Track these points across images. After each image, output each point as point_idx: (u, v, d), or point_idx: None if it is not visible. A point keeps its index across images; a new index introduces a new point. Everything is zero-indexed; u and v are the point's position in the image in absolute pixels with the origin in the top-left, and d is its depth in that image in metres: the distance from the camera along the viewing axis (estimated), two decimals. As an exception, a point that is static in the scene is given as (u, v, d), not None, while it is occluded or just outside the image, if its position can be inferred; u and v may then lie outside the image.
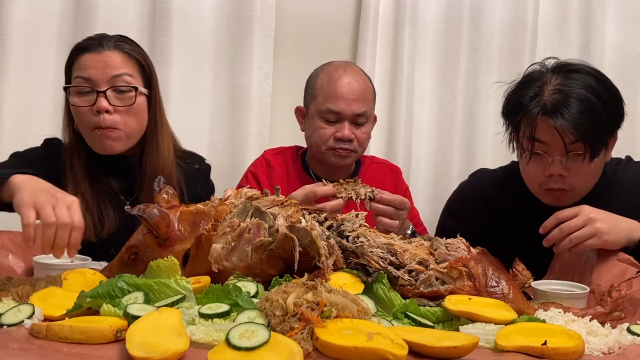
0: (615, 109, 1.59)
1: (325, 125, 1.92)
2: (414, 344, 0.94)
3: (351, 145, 1.92)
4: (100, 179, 1.69)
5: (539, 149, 1.57)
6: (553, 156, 1.55)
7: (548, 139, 1.54)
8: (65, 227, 1.14)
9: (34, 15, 2.35)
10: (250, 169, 2.06)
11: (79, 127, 1.66)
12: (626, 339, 1.07)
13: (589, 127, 1.51)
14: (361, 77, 1.97)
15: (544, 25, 2.70)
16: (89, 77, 1.59)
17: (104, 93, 1.58)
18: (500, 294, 1.20)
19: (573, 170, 1.56)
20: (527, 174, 1.67)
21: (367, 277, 1.19)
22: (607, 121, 1.55)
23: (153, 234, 1.20)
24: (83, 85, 1.60)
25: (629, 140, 2.67)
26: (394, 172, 2.17)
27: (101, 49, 1.61)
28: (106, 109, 1.58)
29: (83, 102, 1.60)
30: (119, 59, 1.63)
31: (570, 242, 1.44)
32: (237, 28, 2.49)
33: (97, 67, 1.59)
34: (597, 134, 1.53)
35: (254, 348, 0.87)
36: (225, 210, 1.25)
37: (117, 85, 1.60)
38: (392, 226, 1.62)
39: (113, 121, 1.60)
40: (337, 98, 1.90)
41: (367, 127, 1.97)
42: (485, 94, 2.67)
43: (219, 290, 1.08)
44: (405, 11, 2.57)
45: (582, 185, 1.61)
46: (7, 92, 2.31)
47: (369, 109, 1.96)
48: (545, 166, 1.57)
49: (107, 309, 1.03)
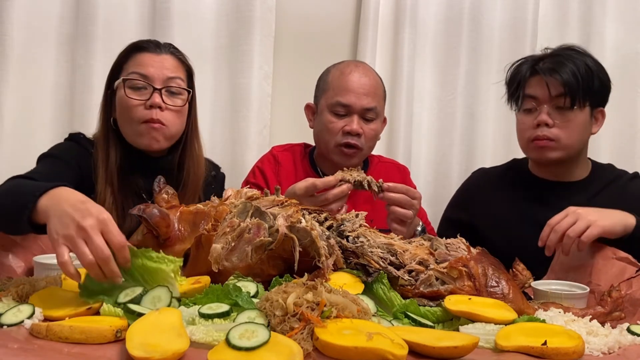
0: (604, 82, 1.80)
1: (334, 119, 1.92)
2: (414, 344, 0.94)
3: (358, 141, 1.91)
4: (129, 176, 1.73)
5: (530, 105, 1.81)
6: (541, 107, 1.77)
7: (538, 93, 1.78)
8: (106, 261, 1.06)
9: (34, 15, 2.35)
10: (258, 165, 2.06)
11: (124, 119, 1.71)
12: (626, 339, 1.07)
13: (575, 84, 1.73)
14: (372, 74, 1.98)
15: (544, 25, 2.70)
16: (146, 74, 1.68)
17: (159, 91, 1.68)
18: (500, 294, 1.20)
19: (558, 121, 1.76)
20: (520, 130, 1.86)
21: (367, 277, 1.19)
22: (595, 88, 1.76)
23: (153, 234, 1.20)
24: (139, 80, 1.68)
25: (629, 140, 2.68)
26: (402, 171, 2.17)
27: (159, 51, 1.73)
28: (159, 104, 1.67)
29: (137, 95, 1.68)
30: (174, 63, 1.74)
31: (569, 239, 1.45)
32: (237, 28, 2.49)
33: (155, 67, 1.69)
34: (582, 92, 1.74)
35: (254, 348, 0.87)
36: (225, 210, 1.25)
37: (171, 86, 1.71)
38: (407, 216, 1.59)
39: (163, 117, 1.68)
40: (348, 91, 1.90)
41: (376, 125, 1.96)
42: (485, 94, 2.67)
43: (219, 290, 1.08)
44: (405, 11, 2.57)
45: (566, 137, 1.77)
46: (7, 91, 2.31)
47: (379, 106, 1.95)
48: (535, 119, 1.78)
49: (107, 309, 1.03)
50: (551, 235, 1.48)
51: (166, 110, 1.69)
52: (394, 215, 1.60)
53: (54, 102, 2.40)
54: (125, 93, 1.67)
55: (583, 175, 1.88)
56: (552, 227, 1.49)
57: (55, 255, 1.07)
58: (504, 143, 2.68)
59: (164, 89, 1.69)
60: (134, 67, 1.70)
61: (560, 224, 1.47)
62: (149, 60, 1.70)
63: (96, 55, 2.36)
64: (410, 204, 1.60)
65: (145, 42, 1.76)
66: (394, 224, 1.62)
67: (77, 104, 2.38)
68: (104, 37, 2.38)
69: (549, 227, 1.49)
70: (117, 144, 1.72)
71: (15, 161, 2.34)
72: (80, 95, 2.37)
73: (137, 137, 1.69)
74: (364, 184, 1.56)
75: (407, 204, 1.59)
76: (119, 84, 1.70)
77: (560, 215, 1.50)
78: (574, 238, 1.44)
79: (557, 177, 1.87)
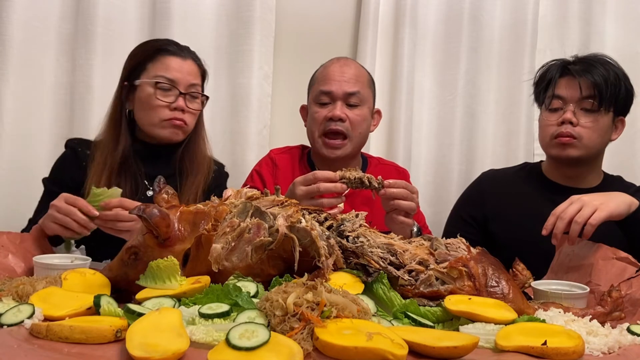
0: (630, 92, 1.87)
1: (318, 108, 1.94)
2: (414, 344, 0.94)
3: (342, 126, 1.91)
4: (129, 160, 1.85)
5: (557, 104, 1.85)
6: (567, 106, 1.82)
7: (566, 93, 1.83)
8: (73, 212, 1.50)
9: (34, 15, 2.35)
10: (256, 168, 2.07)
11: (146, 115, 1.83)
12: (626, 339, 1.07)
13: (604, 87, 1.79)
14: (355, 64, 2.00)
15: (544, 25, 2.70)
16: (172, 78, 1.82)
17: (184, 95, 1.83)
18: (500, 294, 1.20)
19: (582, 121, 1.81)
20: (543, 127, 1.91)
21: (367, 277, 1.19)
22: (622, 95, 1.82)
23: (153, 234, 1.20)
24: (166, 83, 1.81)
25: (629, 140, 2.68)
26: (402, 174, 2.16)
27: (184, 57, 1.86)
28: (183, 108, 1.83)
29: (163, 97, 1.81)
30: (196, 69, 1.89)
31: (577, 224, 1.46)
32: (237, 28, 2.49)
33: (182, 72, 1.83)
34: (609, 96, 1.80)
35: (254, 348, 0.87)
36: (225, 210, 1.25)
37: (193, 92, 1.86)
38: (411, 208, 1.60)
39: (184, 118, 1.84)
40: (329, 79, 1.93)
41: (362, 111, 1.95)
42: (485, 94, 2.67)
43: (219, 290, 1.08)
44: (405, 11, 2.57)
45: (587, 137, 1.81)
46: (7, 92, 2.31)
47: (363, 91, 1.95)
48: (559, 117, 1.83)
49: (107, 309, 1.03)
50: (557, 222, 1.48)
51: (187, 113, 1.84)
52: (400, 209, 1.60)
53: (54, 102, 2.40)
54: (156, 94, 1.80)
55: (594, 183, 1.91)
56: (558, 215, 1.49)
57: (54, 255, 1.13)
58: (504, 143, 2.69)
59: (187, 94, 1.83)
60: (161, 70, 1.82)
61: (565, 211, 1.48)
62: (175, 64, 1.83)
63: (96, 55, 2.37)
64: (411, 198, 1.61)
65: (171, 44, 1.88)
66: (400, 217, 1.62)
67: (77, 104, 2.38)
68: (104, 37, 2.38)
69: (554, 215, 1.50)
70: (126, 132, 1.84)
71: (16, 161, 2.35)
72: (80, 95, 2.38)
73: (159, 130, 1.83)
74: (364, 180, 1.56)
75: (408, 197, 1.60)
76: (148, 83, 1.81)
77: (565, 204, 1.51)
78: (582, 224, 1.46)
79: (570, 181, 1.89)
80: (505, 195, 1.98)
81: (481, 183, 2.10)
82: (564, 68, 1.87)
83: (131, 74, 1.85)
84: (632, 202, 1.53)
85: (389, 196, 1.58)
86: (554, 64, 1.91)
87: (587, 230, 1.46)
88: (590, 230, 1.46)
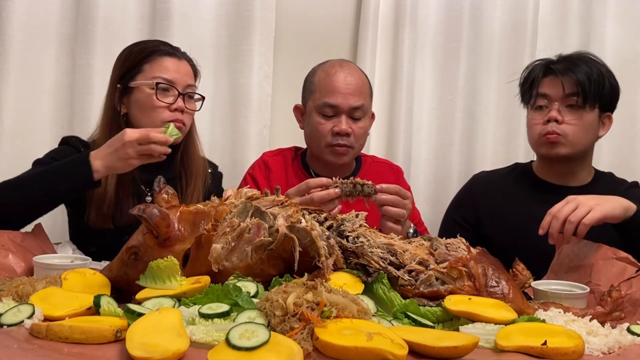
0: (614, 88, 1.89)
1: (322, 120, 1.94)
2: (414, 344, 0.94)
3: (348, 141, 1.93)
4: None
5: (542, 103, 1.88)
6: (552, 104, 1.85)
7: (550, 91, 1.86)
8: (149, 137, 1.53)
9: (34, 15, 2.35)
10: (249, 172, 2.08)
11: (145, 117, 1.81)
12: (626, 339, 1.07)
13: (588, 84, 1.81)
14: (357, 72, 2.00)
15: (544, 25, 2.70)
16: (171, 79, 1.81)
17: (182, 96, 1.82)
18: (500, 294, 1.20)
19: (567, 118, 1.84)
20: (530, 126, 1.93)
21: (367, 277, 1.19)
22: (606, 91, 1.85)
23: (153, 234, 1.20)
24: (165, 84, 1.80)
25: (629, 140, 2.68)
26: (396, 171, 2.17)
27: (180, 58, 1.86)
28: (182, 109, 1.83)
29: (163, 98, 1.80)
30: (190, 70, 1.89)
31: (571, 224, 1.46)
32: (237, 28, 2.49)
33: (180, 73, 1.83)
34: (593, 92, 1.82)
35: (254, 348, 0.87)
36: (225, 210, 1.25)
37: (189, 92, 1.86)
38: (400, 215, 1.61)
39: (183, 119, 1.83)
40: (334, 92, 1.92)
41: (365, 122, 1.97)
42: (485, 94, 2.67)
43: (219, 290, 1.08)
44: (405, 11, 2.57)
45: (573, 134, 1.84)
46: (7, 92, 2.31)
47: (366, 103, 1.97)
48: (545, 115, 1.86)
49: (107, 309, 1.03)
50: (553, 222, 1.49)
51: (185, 113, 1.84)
52: (388, 215, 1.61)
53: (54, 102, 2.40)
54: (157, 96, 1.78)
55: (586, 180, 1.92)
56: (553, 214, 1.50)
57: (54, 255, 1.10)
58: (504, 143, 2.69)
59: (185, 95, 1.83)
60: (159, 71, 1.80)
61: (561, 210, 1.49)
62: (172, 65, 1.83)
63: (96, 55, 2.36)
64: (402, 204, 1.62)
65: (165, 45, 1.87)
66: (389, 223, 1.63)
67: (77, 103, 2.38)
68: (104, 37, 2.37)
69: (550, 215, 1.51)
70: None
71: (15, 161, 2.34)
72: (80, 95, 2.37)
73: None
74: (357, 187, 1.58)
75: (399, 204, 1.61)
76: (146, 84, 1.79)
77: (560, 204, 1.51)
78: (576, 223, 1.46)
79: (562, 179, 1.89)
80: (498, 197, 1.99)
81: (473, 185, 2.10)
82: (547, 67, 1.89)
83: (124, 76, 1.82)
84: (629, 206, 1.53)
85: (379, 202, 1.60)
86: (538, 64, 1.93)
87: (580, 230, 1.46)
88: (584, 230, 1.46)
